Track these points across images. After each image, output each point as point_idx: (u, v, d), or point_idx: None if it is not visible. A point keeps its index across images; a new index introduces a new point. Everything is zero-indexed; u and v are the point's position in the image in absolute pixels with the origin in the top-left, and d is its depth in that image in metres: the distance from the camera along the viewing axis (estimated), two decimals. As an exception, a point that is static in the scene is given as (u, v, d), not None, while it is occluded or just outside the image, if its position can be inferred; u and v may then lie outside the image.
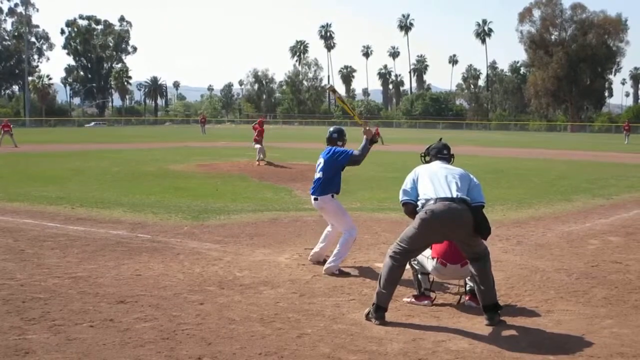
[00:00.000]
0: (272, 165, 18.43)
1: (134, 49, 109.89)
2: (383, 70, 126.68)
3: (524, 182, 15.23)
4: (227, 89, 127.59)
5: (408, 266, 4.94)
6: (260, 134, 19.45)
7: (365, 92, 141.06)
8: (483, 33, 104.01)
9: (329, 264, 6.08)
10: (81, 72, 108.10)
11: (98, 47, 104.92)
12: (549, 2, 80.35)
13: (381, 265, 4.91)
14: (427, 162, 5.11)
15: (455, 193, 4.59)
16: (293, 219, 9.28)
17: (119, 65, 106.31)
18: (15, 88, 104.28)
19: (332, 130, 6.41)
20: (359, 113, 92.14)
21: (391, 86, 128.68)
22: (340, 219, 6.24)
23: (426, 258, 5.03)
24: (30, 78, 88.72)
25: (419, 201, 4.70)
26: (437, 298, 5.21)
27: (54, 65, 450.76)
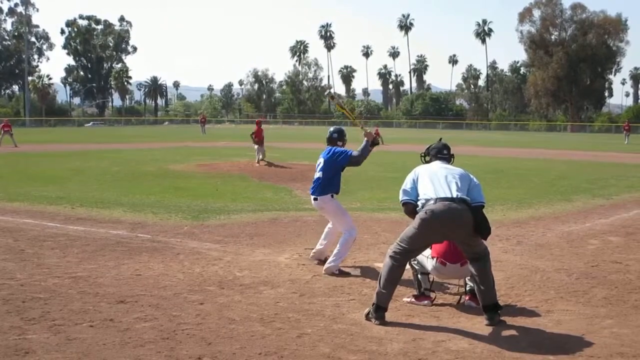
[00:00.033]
0: (272, 166, 18.44)
1: (134, 48, 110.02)
2: (383, 70, 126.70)
3: (524, 182, 15.23)
4: (227, 88, 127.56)
5: (408, 266, 4.95)
6: (257, 134, 19.41)
7: (365, 92, 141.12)
8: (483, 33, 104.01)
9: (329, 263, 6.08)
10: (81, 72, 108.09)
11: (98, 47, 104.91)
12: (549, 2, 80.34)
13: (381, 265, 4.91)
14: (427, 162, 5.11)
15: (455, 193, 4.59)
16: (293, 218, 9.28)
17: (119, 65, 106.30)
18: (15, 88, 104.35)
19: (332, 130, 6.42)
20: (358, 113, 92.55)
21: (391, 86, 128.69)
22: (340, 219, 6.24)
23: (426, 258, 5.03)
24: (30, 78, 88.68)
25: (419, 201, 4.70)
26: (437, 298, 5.22)
27: (54, 65, 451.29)
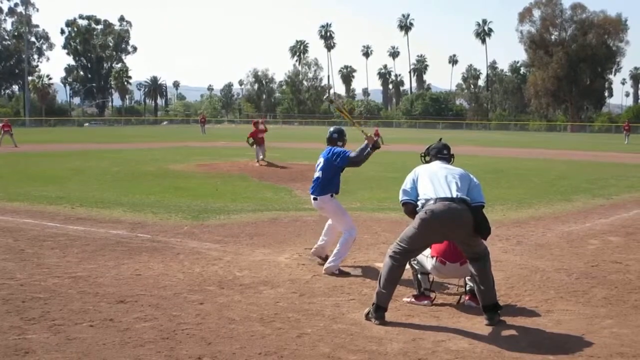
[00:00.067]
0: (273, 166, 18.42)
1: (134, 48, 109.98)
2: (383, 70, 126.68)
3: (524, 182, 15.23)
4: (227, 88, 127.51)
5: (408, 266, 4.95)
6: (254, 135, 19.27)
7: (365, 92, 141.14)
8: (483, 33, 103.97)
9: (329, 263, 6.08)
10: (81, 72, 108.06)
11: (98, 47, 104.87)
12: (549, 2, 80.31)
13: (381, 265, 4.91)
14: (427, 162, 5.11)
15: (455, 193, 4.59)
16: (293, 218, 9.28)
17: (118, 65, 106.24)
18: (15, 88, 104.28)
19: (332, 130, 6.42)
20: (359, 113, 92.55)
21: (391, 86, 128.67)
22: (340, 219, 6.24)
23: (425, 257, 5.03)
24: (30, 78, 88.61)
25: (419, 201, 4.70)
26: (437, 298, 5.22)
27: (54, 65, 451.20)
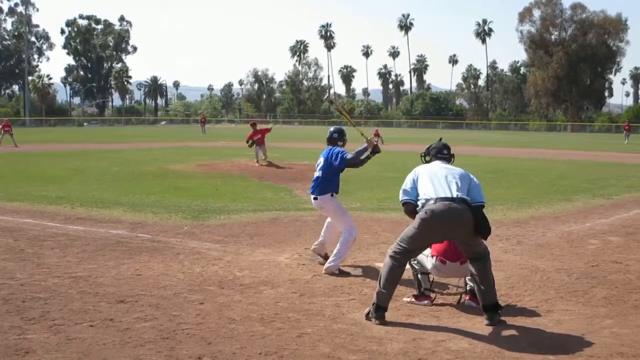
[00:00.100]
0: (273, 166, 18.39)
1: (134, 48, 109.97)
2: (383, 70, 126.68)
3: (524, 182, 15.23)
4: (227, 88, 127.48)
5: (408, 266, 4.95)
6: (251, 137, 19.23)
7: (365, 92, 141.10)
8: (483, 33, 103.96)
9: (329, 263, 6.08)
10: (81, 72, 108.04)
11: (98, 47, 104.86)
12: (549, 2, 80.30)
13: (381, 265, 4.91)
14: (427, 162, 5.11)
15: (456, 193, 4.59)
16: (293, 218, 9.28)
17: (119, 65, 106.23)
18: (15, 88, 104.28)
19: (333, 130, 6.42)
20: (359, 113, 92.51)
21: (391, 86, 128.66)
22: (340, 219, 6.24)
23: (426, 256, 5.03)
24: (30, 78, 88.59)
25: (419, 201, 4.70)
26: (437, 298, 5.22)
27: (54, 65, 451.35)
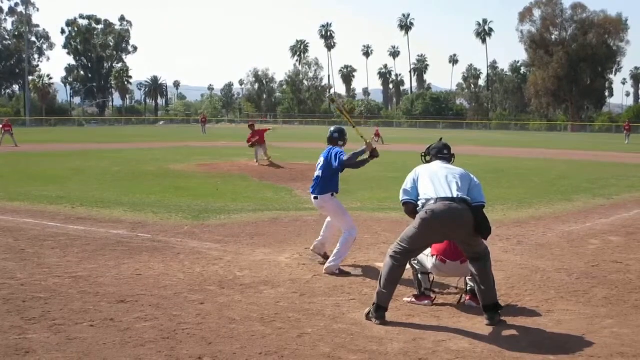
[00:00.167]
0: (275, 166, 18.34)
1: (135, 48, 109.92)
2: (383, 70, 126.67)
3: (524, 182, 15.22)
4: (228, 88, 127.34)
5: (408, 266, 4.95)
6: (251, 137, 19.27)
7: (366, 92, 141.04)
8: (483, 33, 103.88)
9: (329, 263, 6.08)
10: (81, 72, 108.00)
11: (98, 47, 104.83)
12: (550, 2, 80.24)
13: (381, 265, 4.91)
14: (428, 162, 5.11)
15: (456, 193, 4.59)
16: (293, 218, 9.28)
17: (119, 64, 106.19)
18: (15, 87, 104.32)
19: (333, 130, 6.42)
20: (359, 113, 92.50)
21: (391, 86, 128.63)
22: (341, 219, 6.24)
23: (426, 256, 5.04)
24: (31, 77, 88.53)
25: (420, 201, 4.70)
26: (438, 298, 5.22)
27: (55, 64, 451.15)
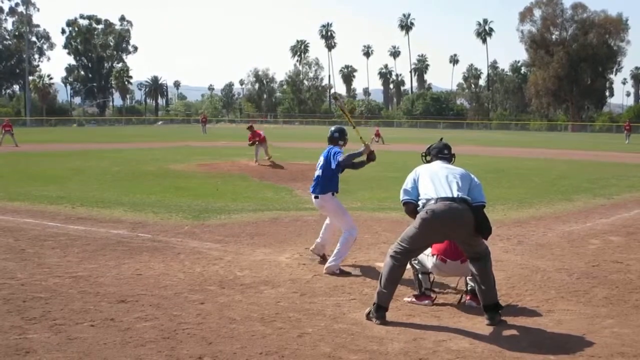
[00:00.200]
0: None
1: (135, 48, 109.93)
2: (384, 70, 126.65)
3: (524, 182, 15.22)
4: (228, 88, 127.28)
5: (408, 266, 4.95)
6: (252, 137, 19.31)
7: (366, 92, 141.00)
8: (484, 33, 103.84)
9: (330, 263, 6.08)
10: (82, 72, 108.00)
11: (99, 47, 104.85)
12: (550, 2, 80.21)
13: (382, 264, 4.91)
14: (428, 162, 5.11)
15: (456, 193, 4.59)
16: (293, 218, 9.28)
17: (119, 64, 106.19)
18: (16, 87, 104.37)
19: (334, 129, 6.43)
20: (359, 113, 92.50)
21: (392, 86, 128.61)
22: (341, 218, 6.24)
23: (426, 256, 5.04)
24: (31, 77, 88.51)
25: (420, 201, 4.70)
26: (438, 298, 5.22)
27: (55, 64, 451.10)
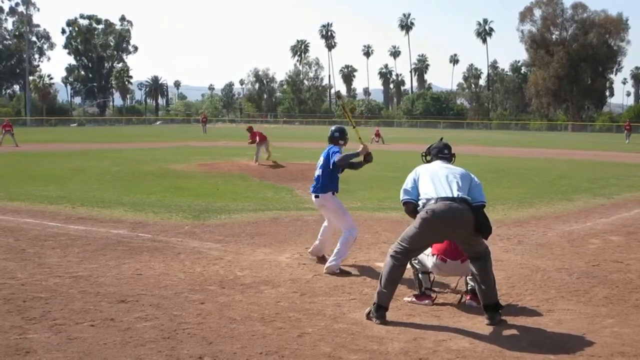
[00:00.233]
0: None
1: (135, 48, 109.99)
2: (384, 70, 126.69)
3: (524, 182, 15.22)
4: (228, 88, 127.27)
5: (409, 266, 4.95)
6: (253, 137, 19.39)
7: (366, 92, 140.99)
8: (484, 32, 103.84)
9: (330, 263, 6.08)
10: (82, 72, 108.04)
11: (99, 47, 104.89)
12: (550, 2, 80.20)
13: (382, 264, 4.91)
14: (428, 162, 5.11)
15: (456, 193, 4.59)
16: (294, 218, 9.28)
17: (119, 64, 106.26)
18: (16, 87, 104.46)
19: (334, 129, 6.43)
20: (359, 113, 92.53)
21: (392, 85, 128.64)
22: (341, 218, 6.24)
23: (426, 255, 5.04)
24: (31, 77, 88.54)
25: (420, 201, 4.70)
26: (438, 297, 5.22)
27: (55, 64, 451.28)
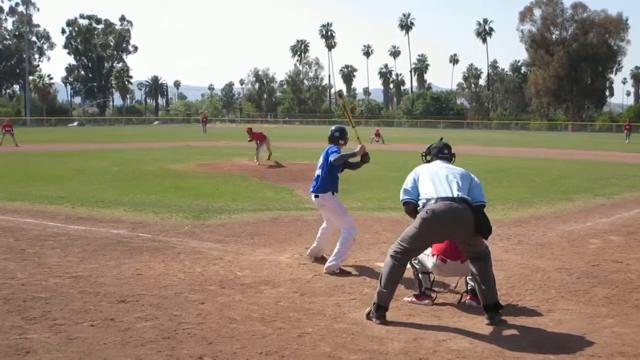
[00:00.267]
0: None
1: (135, 48, 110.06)
2: (384, 70, 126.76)
3: (524, 182, 15.22)
4: (228, 88, 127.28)
5: (409, 266, 4.95)
6: (253, 136, 19.46)
7: (366, 92, 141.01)
8: (484, 32, 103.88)
9: (330, 263, 6.08)
10: (82, 72, 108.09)
11: (99, 47, 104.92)
12: (550, 1, 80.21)
13: (382, 264, 4.91)
14: (428, 162, 5.11)
15: (456, 193, 4.59)
16: (294, 218, 9.28)
17: (119, 64, 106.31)
18: (16, 87, 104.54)
19: (334, 129, 6.44)
20: (359, 112, 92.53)
21: (392, 85, 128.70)
22: (341, 218, 6.25)
23: (426, 256, 5.04)
24: (31, 77, 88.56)
25: (420, 201, 4.70)
26: (438, 297, 5.22)
27: (55, 64, 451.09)
